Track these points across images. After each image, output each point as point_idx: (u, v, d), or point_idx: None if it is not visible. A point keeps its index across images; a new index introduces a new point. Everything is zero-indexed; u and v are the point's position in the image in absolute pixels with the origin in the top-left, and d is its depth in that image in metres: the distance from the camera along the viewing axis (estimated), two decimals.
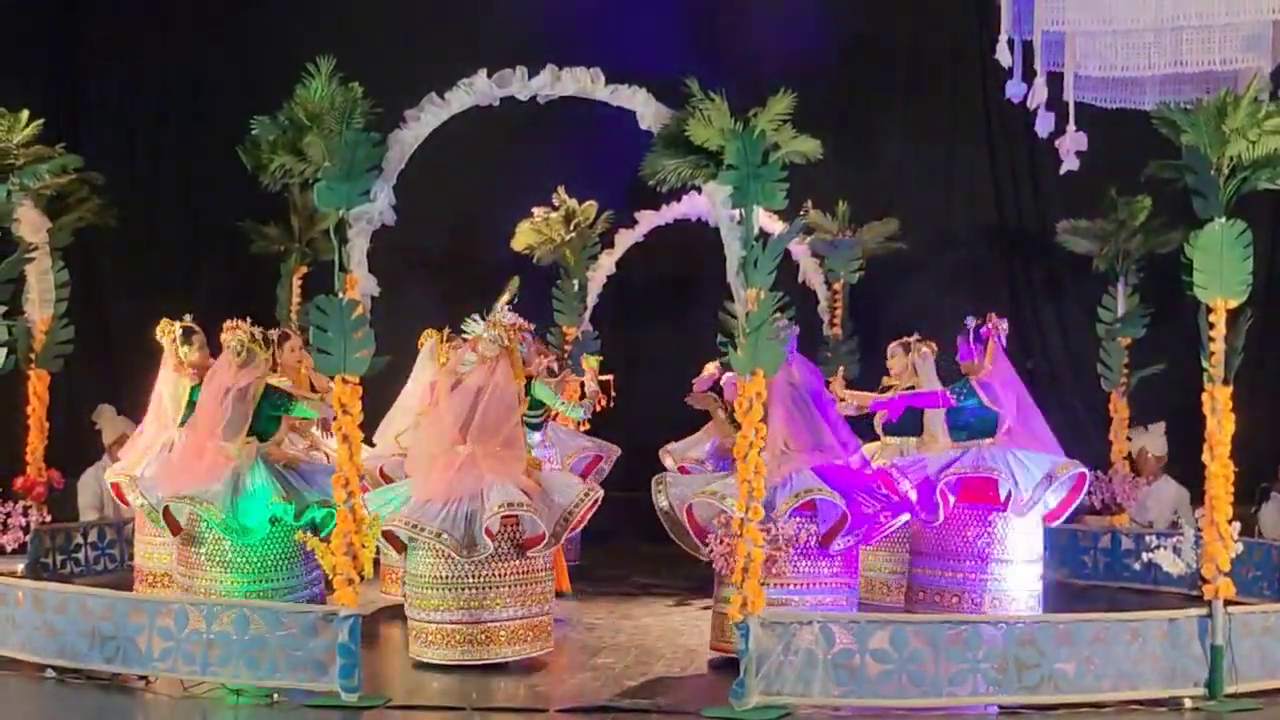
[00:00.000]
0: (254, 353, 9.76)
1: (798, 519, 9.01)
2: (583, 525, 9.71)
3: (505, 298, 11.17)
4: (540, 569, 9.38)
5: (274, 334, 11.16)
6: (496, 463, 9.24)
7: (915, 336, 11.55)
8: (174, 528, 9.62)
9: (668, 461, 11.77)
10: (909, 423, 11.27)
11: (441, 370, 10.20)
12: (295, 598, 9.47)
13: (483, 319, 9.95)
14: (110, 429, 13.07)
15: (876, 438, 11.57)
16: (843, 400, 10.91)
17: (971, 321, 10.44)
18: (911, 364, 11.40)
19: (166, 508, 9.58)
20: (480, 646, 9.10)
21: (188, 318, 11.09)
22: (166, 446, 10.89)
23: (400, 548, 9.30)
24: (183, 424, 10.81)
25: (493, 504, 9.04)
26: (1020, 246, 15.56)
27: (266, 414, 9.68)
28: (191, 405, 10.58)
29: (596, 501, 9.52)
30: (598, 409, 12.04)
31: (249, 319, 10.04)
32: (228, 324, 9.96)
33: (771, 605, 8.51)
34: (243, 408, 9.60)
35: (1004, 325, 10.46)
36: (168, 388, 11.02)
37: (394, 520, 9.10)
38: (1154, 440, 13.20)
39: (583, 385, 12.02)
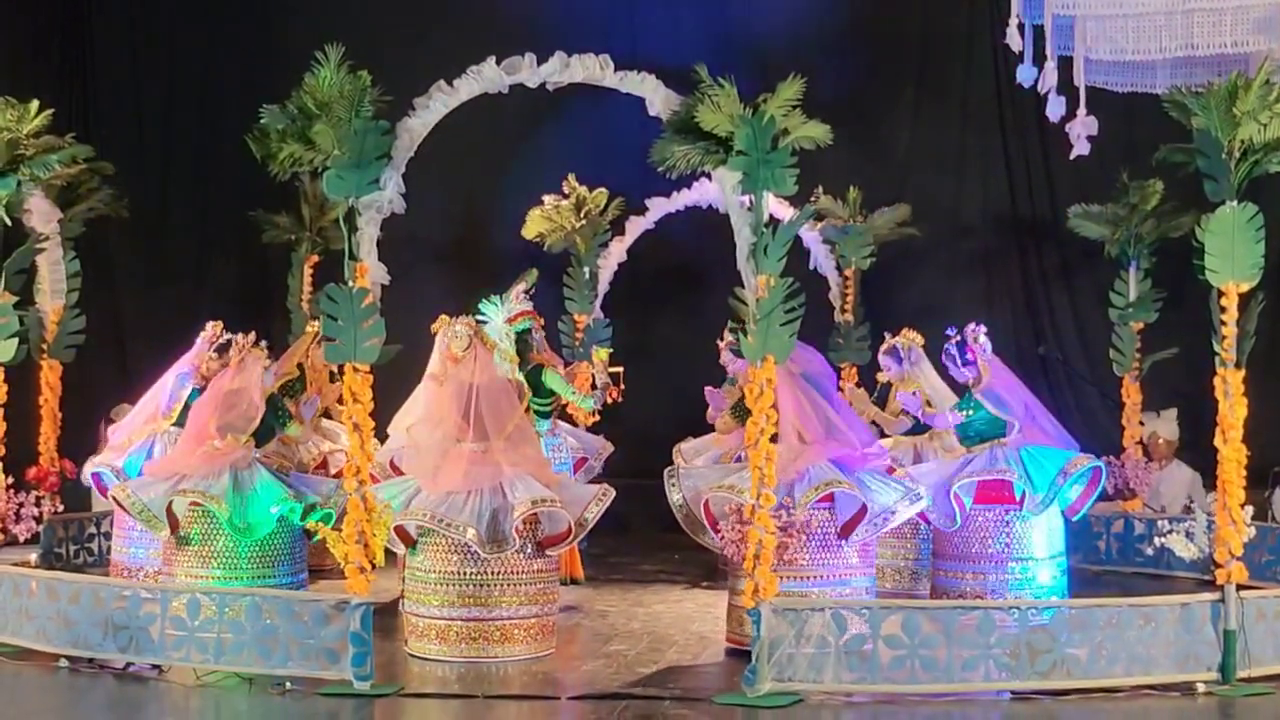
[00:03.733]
0: (254, 355, 9.84)
1: (812, 509, 9.00)
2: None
3: (522, 286, 11.16)
4: (549, 569, 9.36)
5: (312, 328, 11.19)
6: (514, 456, 9.23)
7: (893, 337, 11.47)
8: (174, 525, 9.63)
9: (679, 461, 11.71)
10: (916, 424, 11.21)
11: (436, 372, 10.22)
12: None
13: (499, 301, 9.93)
14: None
15: (885, 435, 11.51)
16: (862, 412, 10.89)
17: (952, 345, 10.29)
18: (906, 369, 11.34)
19: (169, 504, 9.58)
20: (491, 644, 9.07)
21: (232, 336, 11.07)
22: (148, 442, 10.88)
23: (410, 541, 9.26)
24: (177, 424, 10.82)
25: (521, 499, 9.01)
26: (1032, 231, 15.53)
27: (267, 421, 9.76)
28: (187, 407, 10.60)
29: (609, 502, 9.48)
30: (609, 401, 12.05)
31: (249, 332, 10.10)
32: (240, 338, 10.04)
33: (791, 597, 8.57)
34: (257, 403, 9.66)
35: (982, 331, 10.33)
36: (174, 380, 11.00)
37: (414, 513, 9.06)
38: (1166, 425, 13.17)
39: (593, 376, 12.02)
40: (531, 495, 9.03)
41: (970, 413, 10.18)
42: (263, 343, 10.14)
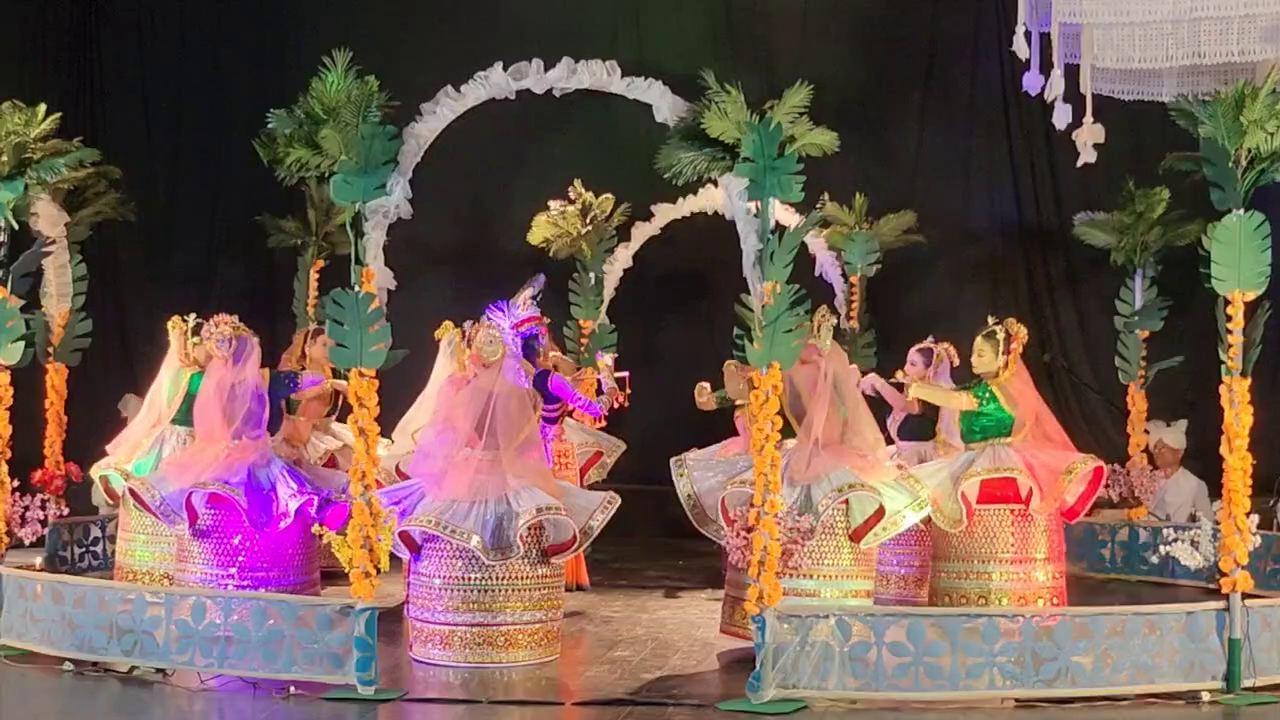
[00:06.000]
0: (244, 339, 9.86)
1: (809, 515, 9.02)
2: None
3: (529, 291, 11.16)
4: (554, 575, 9.35)
5: (311, 328, 11.23)
6: (520, 466, 9.23)
7: (932, 340, 11.48)
8: (192, 517, 9.68)
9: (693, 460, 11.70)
10: (923, 427, 11.19)
11: (456, 374, 10.19)
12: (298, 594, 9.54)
13: (505, 308, 9.93)
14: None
15: (891, 442, 11.49)
16: (872, 391, 10.88)
17: (1000, 330, 10.30)
18: (929, 374, 11.34)
19: (189, 498, 9.62)
20: (496, 649, 9.06)
21: (193, 317, 11.10)
22: (158, 442, 10.90)
23: (414, 548, 9.25)
24: (176, 420, 10.81)
25: (526, 507, 9.00)
26: (1038, 239, 15.50)
27: (279, 396, 9.79)
28: (189, 398, 10.59)
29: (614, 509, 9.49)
30: (614, 406, 12.04)
31: (237, 315, 10.11)
32: (206, 328, 10.03)
33: (798, 595, 8.61)
34: (261, 394, 9.69)
35: (1023, 331, 10.38)
36: (169, 377, 11.03)
37: (419, 519, 9.05)
38: (1173, 434, 13.16)
39: (599, 382, 12.03)
40: (536, 503, 9.04)
41: (984, 402, 10.18)
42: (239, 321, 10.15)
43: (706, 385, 10.56)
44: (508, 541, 8.98)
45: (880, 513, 9.17)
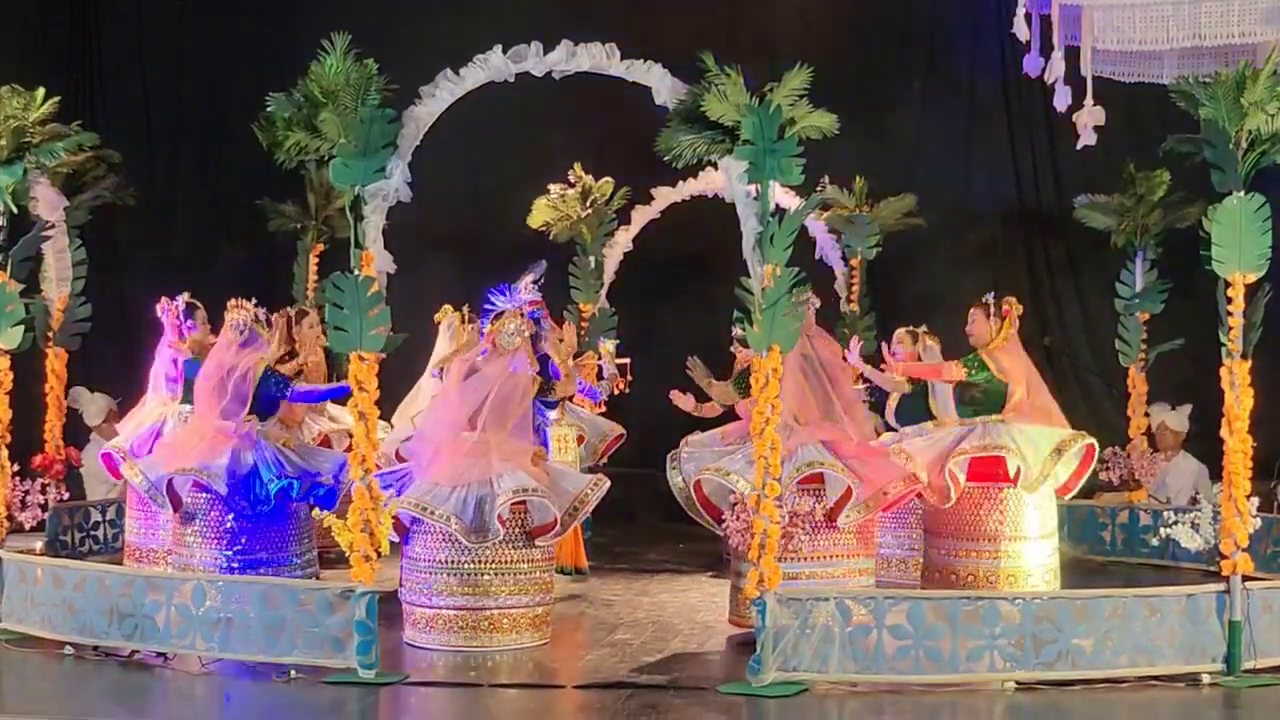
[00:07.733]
0: (256, 333, 9.87)
1: (805, 492, 9.01)
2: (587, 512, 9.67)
3: (530, 277, 11.15)
4: (542, 558, 9.34)
5: (292, 311, 11.24)
6: (507, 450, 9.22)
7: (923, 328, 11.48)
8: (175, 503, 9.70)
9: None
10: (919, 412, 11.18)
11: (457, 356, 10.18)
12: (291, 576, 9.54)
13: (507, 291, 9.92)
14: (92, 409, 13.11)
15: (890, 428, 11.48)
16: (859, 374, 10.87)
17: (991, 296, 10.42)
18: (916, 354, 11.33)
19: (170, 481, 9.64)
20: (483, 633, 9.06)
21: (186, 295, 11.13)
22: (159, 422, 10.93)
23: (403, 530, 9.25)
24: (183, 401, 10.85)
25: (505, 490, 9.00)
26: (1038, 222, 15.50)
27: (265, 395, 9.79)
28: (189, 383, 10.61)
29: (604, 490, 9.49)
30: (615, 392, 12.01)
31: (254, 300, 10.09)
32: (231, 303, 10.03)
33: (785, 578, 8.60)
34: (244, 388, 9.70)
35: (1019, 309, 10.43)
36: (163, 364, 11.08)
37: (403, 502, 9.04)
38: (1176, 417, 13.16)
39: (600, 367, 12.00)
40: (514, 485, 9.03)
41: (973, 371, 10.21)
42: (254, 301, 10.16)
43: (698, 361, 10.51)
44: (486, 524, 8.97)
45: (849, 492, 9.16)
